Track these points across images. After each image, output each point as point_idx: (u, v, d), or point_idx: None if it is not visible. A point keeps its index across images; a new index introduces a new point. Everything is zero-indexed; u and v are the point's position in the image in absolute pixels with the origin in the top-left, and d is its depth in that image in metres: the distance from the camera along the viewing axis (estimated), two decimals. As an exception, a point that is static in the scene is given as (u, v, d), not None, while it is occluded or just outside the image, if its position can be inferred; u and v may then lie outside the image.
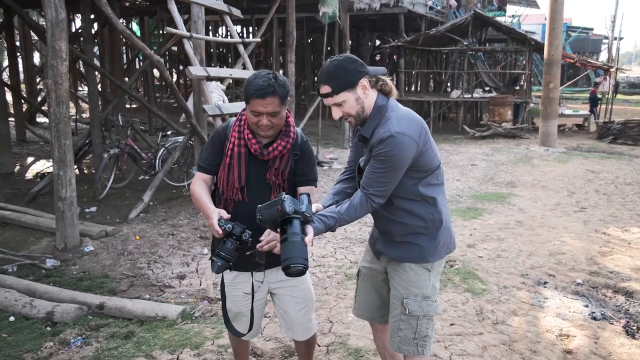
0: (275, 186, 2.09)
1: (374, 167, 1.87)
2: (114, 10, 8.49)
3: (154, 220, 5.52)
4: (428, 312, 2.02)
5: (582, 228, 5.43)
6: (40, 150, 9.96)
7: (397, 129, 1.83)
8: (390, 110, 1.91)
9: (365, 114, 1.92)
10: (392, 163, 1.83)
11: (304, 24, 15.46)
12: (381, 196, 1.90)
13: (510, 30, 15.29)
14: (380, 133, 1.85)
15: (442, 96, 15.59)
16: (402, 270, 2.05)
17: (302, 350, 2.42)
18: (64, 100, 4.41)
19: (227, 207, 2.09)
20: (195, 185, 2.13)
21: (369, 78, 1.91)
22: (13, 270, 4.21)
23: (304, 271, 1.75)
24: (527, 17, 28.31)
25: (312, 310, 2.29)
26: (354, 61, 1.89)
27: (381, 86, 1.96)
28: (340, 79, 1.86)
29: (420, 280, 2.03)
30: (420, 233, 2.01)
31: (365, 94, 1.90)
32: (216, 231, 1.90)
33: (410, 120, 1.89)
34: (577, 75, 26.37)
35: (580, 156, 10.10)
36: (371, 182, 1.88)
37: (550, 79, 11.06)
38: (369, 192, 1.89)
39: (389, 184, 1.89)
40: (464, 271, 4.11)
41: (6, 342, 3.06)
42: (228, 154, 2.07)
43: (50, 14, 4.24)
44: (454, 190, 7.19)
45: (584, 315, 3.44)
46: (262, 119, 1.98)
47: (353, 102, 1.89)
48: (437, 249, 2.05)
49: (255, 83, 1.96)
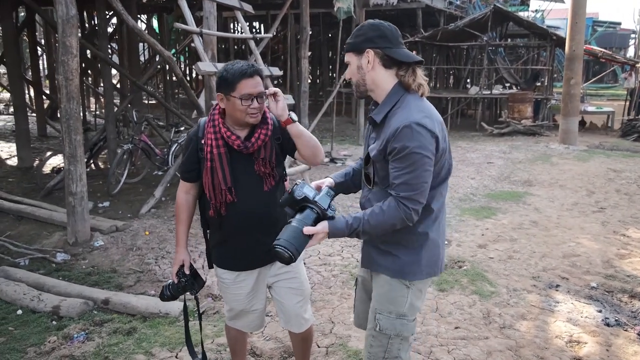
0: (265, 176, 2.05)
1: (396, 168, 1.65)
2: (130, 7, 8.58)
3: (165, 216, 5.56)
4: (401, 331, 1.81)
5: (600, 229, 5.26)
6: (59, 145, 10.12)
7: (413, 118, 1.62)
8: (406, 101, 1.70)
9: (367, 88, 1.77)
10: (414, 159, 1.61)
11: (320, 19, 15.40)
12: (413, 199, 1.64)
13: (532, 24, 14.93)
14: (394, 122, 1.66)
15: (461, 92, 15.33)
16: (379, 282, 1.87)
17: (298, 347, 2.39)
18: (74, 96, 4.45)
19: (219, 211, 2.04)
20: (178, 200, 2.17)
21: (378, 53, 1.71)
22: (25, 264, 4.29)
23: (286, 256, 1.64)
24: (551, 12, 27.66)
25: (308, 302, 2.28)
26: (376, 29, 1.72)
27: (400, 76, 1.73)
28: (353, 39, 1.75)
29: (396, 297, 1.81)
30: (400, 244, 1.79)
31: (368, 67, 1.72)
32: (173, 277, 2.16)
33: (431, 117, 1.67)
34: (603, 71, 25.67)
35: (601, 154, 9.80)
36: (399, 186, 1.64)
37: (572, 74, 10.75)
38: (399, 195, 1.64)
39: (420, 185, 1.63)
40: (472, 272, 4.01)
41: (12, 335, 3.11)
42: (207, 157, 2.01)
43: (61, 10, 4.28)
44: (468, 188, 7.06)
45: (597, 321, 3.32)
46: (254, 102, 1.94)
47: (354, 68, 1.76)
48: (419, 267, 1.80)
49: (237, 67, 1.95)
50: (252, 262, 2.13)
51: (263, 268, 2.16)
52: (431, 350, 2.90)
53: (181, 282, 2.15)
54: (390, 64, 1.73)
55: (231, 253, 2.13)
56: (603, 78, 24.96)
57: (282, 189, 2.16)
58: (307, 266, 4.19)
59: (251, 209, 2.04)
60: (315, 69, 20.68)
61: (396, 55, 1.72)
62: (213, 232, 2.17)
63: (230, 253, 2.13)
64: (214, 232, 2.16)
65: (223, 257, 2.17)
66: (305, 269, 2.46)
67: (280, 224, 2.11)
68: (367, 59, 1.72)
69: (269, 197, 2.06)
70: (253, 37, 6.19)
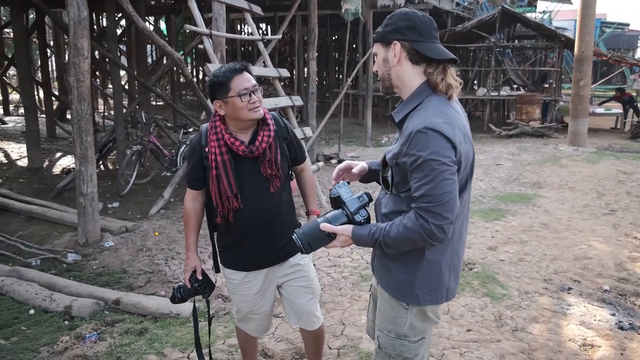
0: (271, 178, 2.05)
1: (415, 179, 1.47)
2: (138, 9, 8.62)
3: (174, 217, 5.58)
4: (402, 352, 1.65)
5: (611, 232, 5.21)
6: (68, 146, 10.20)
7: (430, 122, 1.44)
8: (429, 103, 1.53)
9: (392, 84, 1.61)
10: (430, 168, 1.42)
11: (327, 21, 15.40)
12: (433, 212, 1.42)
13: (540, 26, 14.85)
14: (410, 125, 1.49)
15: (468, 94, 15.28)
16: (381, 295, 1.71)
17: (311, 346, 2.39)
18: (85, 97, 4.48)
19: (227, 218, 2.05)
20: (186, 207, 2.17)
21: (406, 47, 1.54)
22: (37, 264, 4.31)
23: (297, 246, 1.62)
24: (559, 13, 27.52)
25: (318, 300, 2.30)
26: (407, 19, 1.54)
27: (429, 73, 1.55)
28: (382, 28, 1.60)
29: (394, 317, 1.65)
30: (397, 259, 1.60)
31: (394, 60, 1.56)
32: (186, 283, 2.15)
33: (452, 123, 1.48)
34: (611, 72, 25.47)
35: (611, 156, 9.73)
36: (419, 198, 1.45)
37: (581, 76, 10.68)
38: (418, 207, 1.45)
39: (441, 196, 1.42)
40: (483, 275, 3.99)
41: (25, 335, 3.12)
42: (212, 165, 2.00)
43: (72, 12, 4.31)
44: (477, 190, 7.02)
45: (611, 324, 3.29)
46: (252, 96, 1.95)
47: (380, 60, 1.61)
48: (412, 289, 1.59)
49: (225, 68, 1.97)
50: (260, 263, 2.14)
51: (271, 268, 2.17)
52: (443, 353, 2.88)
53: (194, 287, 2.16)
54: (418, 59, 1.55)
55: (239, 254, 2.14)
56: (611, 79, 24.73)
57: (288, 189, 2.17)
58: (317, 268, 4.18)
59: (258, 212, 2.05)
60: (322, 71, 20.69)
61: (425, 51, 1.53)
62: (220, 236, 2.18)
63: (238, 254, 2.14)
64: (222, 236, 2.17)
65: (231, 258, 2.17)
66: (314, 269, 2.47)
67: (287, 224, 2.13)
68: (394, 52, 1.56)
69: (275, 198, 2.07)
70: (262, 39, 6.21)
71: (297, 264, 2.18)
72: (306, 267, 2.21)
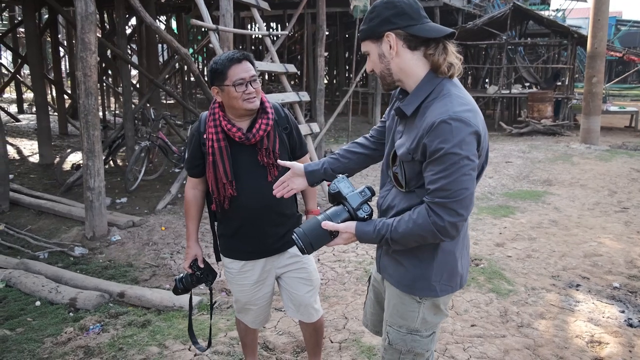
0: (269, 166, 2.03)
1: (431, 172, 1.38)
2: (149, 7, 8.68)
3: (180, 212, 5.60)
4: (413, 347, 1.61)
5: (623, 229, 5.11)
6: (79, 143, 10.30)
7: (454, 111, 1.35)
8: (444, 90, 1.44)
9: (394, 78, 1.51)
10: (451, 161, 1.34)
11: (337, 19, 15.37)
12: (448, 208, 1.36)
13: (552, 23, 14.64)
14: (430, 115, 1.39)
15: (480, 92, 15.13)
16: (390, 291, 1.65)
17: (310, 338, 2.37)
18: (92, 92, 4.51)
19: (222, 205, 2.04)
20: (187, 196, 2.18)
21: (400, 35, 1.44)
22: (44, 257, 4.36)
23: (298, 246, 1.52)
24: (573, 11, 27.16)
25: (317, 292, 2.27)
26: (392, 6, 1.43)
27: (430, 55, 1.45)
28: (367, 24, 1.48)
29: (405, 311, 1.60)
30: (412, 253, 1.54)
31: (391, 53, 1.46)
32: (185, 268, 2.17)
33: (474, 110, 1.41)
34: (627, 71, 25.04)
35: (624, 154, 9.56)
36: (434, 192, 1.38)
37: (594, 73, 10.51)
38: (432, 201, 1.38)
39: (458, 192, 1.35)
40: (489, 270, 3.94)
41: (30, 326, 3.15)
42: (209, 152, 2.00)
43: (80, 7, 4.35)
44: (486, 187, 6.95)
45: (620, 322, 3.22)
46: (248, 87, 1.93)
47: (376, 57, 1.50)
48: (428, 282, 1.54)
49: (224, 56, 1.95)
50: (257, 252, 2.12)
51: (269, 259, 2.15)
52: (446, 347, 2.84)
53: (196, 275, 2.15)
54: (416, 44, 1.45)
55: (237, 243, 2.13)
56: (627, 78, 24.32)
57: None
58: (321, 262, 4.16)
59: (255, 200, 2.03)
60: (332, 69, 20.66)
61: (422, 32, 1.43)
62: (219, 225, 2.18)
63: (236, 243, 2.13)
64: (221, 225, 2.17)
65: (229, 247, 2.17)
66: (314, 260, 2.45)
67: (286, 213, 2.11)
68: (389, 44, 1.45)
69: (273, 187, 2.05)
70: (269, 34, 6.20)
71: (296, 255, 2.16)
72: (305, 259, 2.19)
